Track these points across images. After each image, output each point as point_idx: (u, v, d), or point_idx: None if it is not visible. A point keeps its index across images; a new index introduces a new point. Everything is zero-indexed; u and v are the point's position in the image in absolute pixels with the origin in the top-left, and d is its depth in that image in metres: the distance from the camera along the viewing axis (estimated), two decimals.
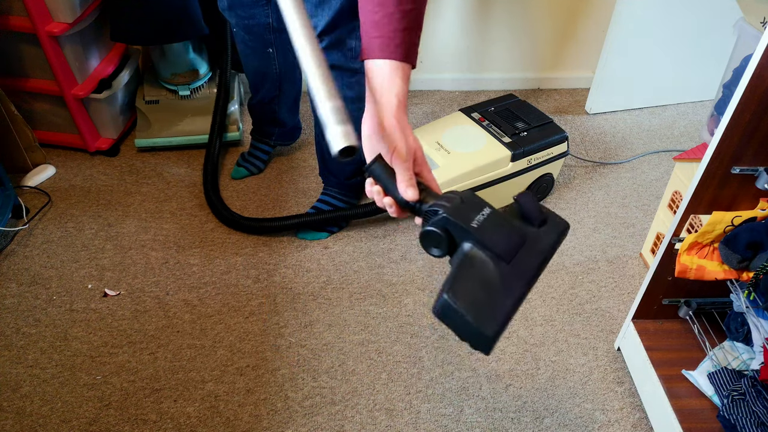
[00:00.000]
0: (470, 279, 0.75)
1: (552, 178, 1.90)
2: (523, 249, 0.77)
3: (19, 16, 1.72)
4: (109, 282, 1.62)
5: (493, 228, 0.76)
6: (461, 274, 0.75)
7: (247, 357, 1.45)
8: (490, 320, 0.72)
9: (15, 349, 1.46)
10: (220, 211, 1.79)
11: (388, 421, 1.34)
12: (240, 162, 1.99)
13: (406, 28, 0.85)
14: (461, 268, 0.76)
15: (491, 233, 0.76)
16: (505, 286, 0.74)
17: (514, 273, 0.75)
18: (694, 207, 1.17)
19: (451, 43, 2.34)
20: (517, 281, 0.75)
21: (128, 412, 1.34)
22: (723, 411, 1.15)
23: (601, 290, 1.65)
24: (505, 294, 0.74)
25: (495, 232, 0.76)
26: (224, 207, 1.80)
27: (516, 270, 0.75)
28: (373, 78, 0.85)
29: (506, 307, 0.73)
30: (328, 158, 1.76)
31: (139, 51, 2.16)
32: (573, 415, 1.36)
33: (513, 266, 0.75)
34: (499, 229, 0.77)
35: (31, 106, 1.95)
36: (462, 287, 0.74)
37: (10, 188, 1.75)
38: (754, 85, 0.98)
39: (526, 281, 0.75)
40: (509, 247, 0.76)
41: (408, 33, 0.85)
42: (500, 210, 0.80)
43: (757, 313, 1.16)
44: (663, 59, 2.23)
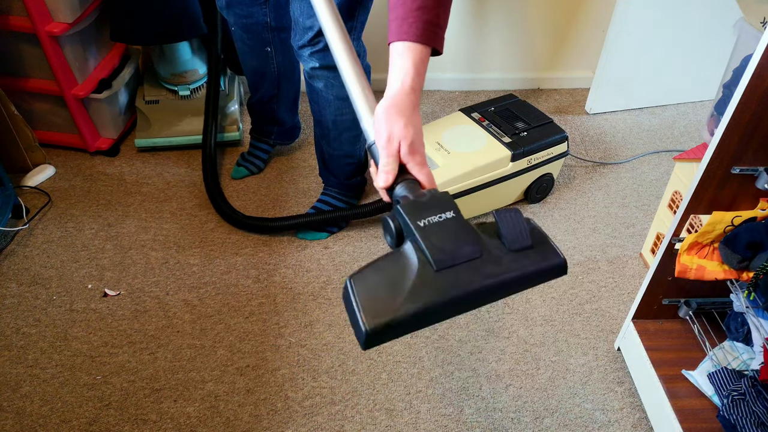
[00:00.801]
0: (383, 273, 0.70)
1: (552, 178, 1.90)
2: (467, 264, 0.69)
3: (19, 16, 1.72)
4: (109, 282, 1.62)
5: (440, 233, 0.70)
6: (378, 266, 0.71)
7: (247, 357, 1.45)
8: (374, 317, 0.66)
9: (15, 349, 1.46)
10: (222, 209, 1.79)
11: (388, 421, 1.34)
12: (240, 162, 1.99)
13: (420, 7, 0.81)
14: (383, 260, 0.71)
15: (433, 237, 0.70)
16: (413, 291, 0.67)
17: (435, 284, 0.68)
18: (694, 207, 1.17)
19: (451, 43, 2.34)
20: (432, 293, 0.67)
21: (128, 412, 1.34)
22: (723, 411, 1.15)
23: (601, 290, 1.65)
24: (408, 299, 0.67)
25: (438, 237, 0.70)
26: (227, 205, 1.80)
27: (441, 282, 0.68)
28: (390, 63, 0.84)
29: (400, 312, 0.66)
30: (328, 159, 1.76)
31: (139, 51, 2.15)
32: (573, 415, 1.36)
33: (439, 277, 0.68)
34: (444, 236, 0.70)
35: (31, 106, 1.95)
36: (369, 277, 0.69)
37: (10, 188, 1.75)
38: (754, 85, 0.98)
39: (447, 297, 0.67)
40: (444, 256, 0.69)
41: (423, 12, 0.81)
42: (478, 223, 0.75)
43: (757, 313, 1.16)
44: (663, 59, 2.23)
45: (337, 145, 1.71)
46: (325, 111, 1.62)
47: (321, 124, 1.67)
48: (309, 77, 1.56)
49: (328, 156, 1.76)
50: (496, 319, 1.56)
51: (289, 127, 2.00)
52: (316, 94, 1.60)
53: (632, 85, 2.29)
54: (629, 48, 2.16)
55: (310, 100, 1.65)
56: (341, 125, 1.64)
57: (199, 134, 2.04)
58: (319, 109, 1.63)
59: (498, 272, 0.69)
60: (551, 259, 0.72)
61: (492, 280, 0.69)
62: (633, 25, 2.10)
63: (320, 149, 1.76)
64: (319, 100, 1.60)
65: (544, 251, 0.72)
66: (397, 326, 0.66)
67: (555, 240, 1.80)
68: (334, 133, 1.67)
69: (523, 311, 1.59)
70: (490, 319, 1.56)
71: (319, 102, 1.61)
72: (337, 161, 1.76)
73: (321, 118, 1.65)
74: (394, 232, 0.73)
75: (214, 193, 1.83)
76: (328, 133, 1.68)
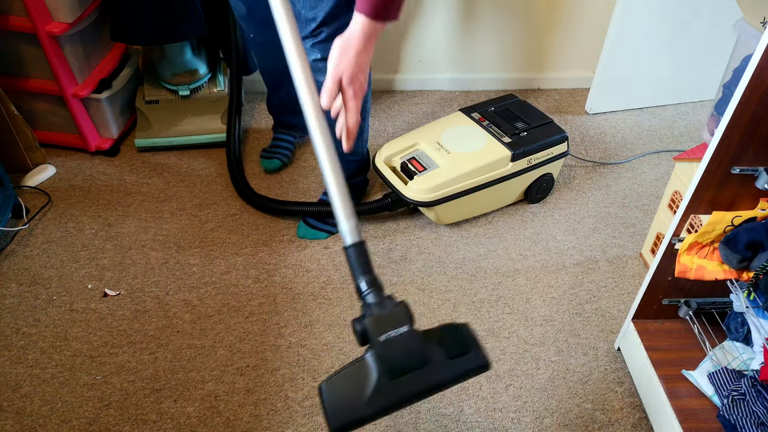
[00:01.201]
0: (349, 380, 0.92)
1: (552, 178, 1.90)
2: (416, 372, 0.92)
3: (19, 16, 1.72)
4: (109, 282, 1.62)
5: (395, 347, 0.91)
6: (346, 373, 0.93)
7: (247, 357, 1.45)
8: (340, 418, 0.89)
9: (15, 349, 1.46)
10: (251, 197, 1.83)
11: (388, 421, 1.34)
12: (266, 155, 1.99)
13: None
14: (351, 368, 0.93)
15: (390, 351, 0.90)
16: (372, 398, 0.90)
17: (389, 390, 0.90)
18: (694, 207, 1.17)
19: (451, 43, 2.34)
20: (386, 398, 0.90)
21: (128, 412, 1.34)
22: (723, 411, 1.15)
23: (601, 290, 1.65)
24: (367, 404, 0.90)
25: (394, 351, 0.91)
26: (251, 191, 1.84)
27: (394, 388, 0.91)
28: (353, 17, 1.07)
29: (360, 414, 0.90)
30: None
31: (139, 51, 2.16)
32: (573, 415, 1.36)
33: (393, 384, 0.90)
34: (399, 350, 0.91)
35: (31, 106, 1.95)
36: (338, 383, 0.93)
37: (10, 188, 1.75)
38: (754, 85, 0.98)
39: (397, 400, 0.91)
40: (397, 368, 0.91)
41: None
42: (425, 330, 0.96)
43: (757, 313, 1.16)
44: (663, 59, 2.23)
45: (341, 142, 1.70)
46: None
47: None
48: (312, 71, 1.56)
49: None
50: (496, 319, 1.56)
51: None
52: (318, 89, 1.59)
53: (632, 85, 2.29)
54: (629, 48, 2.16)
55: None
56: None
57: (199, 134, 2.04)
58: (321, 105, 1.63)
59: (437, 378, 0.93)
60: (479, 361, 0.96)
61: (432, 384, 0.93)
62: (633, 25, 2.10)
63: None
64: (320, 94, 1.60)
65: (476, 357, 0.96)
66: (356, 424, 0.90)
67: (555, 240, 1.81)
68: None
69: (523, 311, 1.59)
70: (490, 319, 1.56)
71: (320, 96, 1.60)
72: (341, 159, 1.75)
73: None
74: (360, 335, 0.92)
75: (240, 181, 1.86)
76: (331, 129, 1.67)
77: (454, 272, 1.68)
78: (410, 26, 2.28)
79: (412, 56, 2.36)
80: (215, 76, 2.11)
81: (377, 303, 0.96)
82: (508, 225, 1.84)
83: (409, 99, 2.39)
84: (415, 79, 2.42)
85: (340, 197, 1.08)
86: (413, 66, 2.39)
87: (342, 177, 1.09)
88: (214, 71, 2.12)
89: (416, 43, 2.32)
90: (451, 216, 1.80)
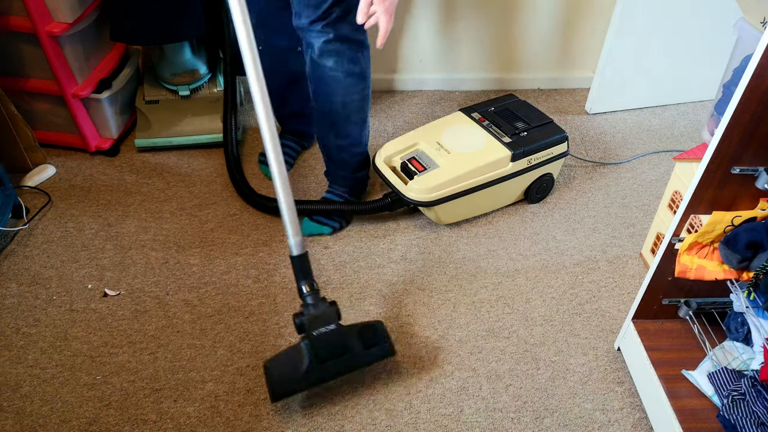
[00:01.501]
0: (288, 359, 1.30)
1: (552, 178, 1.90)
2: (339, 357, 1.31)
3: (19, 16, 1.72)
4: (109, 282, 1.62)
5: (324, 339, 1.29)
6: (286, 353, 1.31)
7: (247, 357, 1.45)
8: (279, 387, 1.29)
9: (15, 349, 1.46)
10: (253, 199, 1.84)
11: (388, 421, 1.34)
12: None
13: None
14: (290, 350, 1.31)
15: (319, 342, 1.29)
16: (304, 375, 1.29)
17: (318, 370, 1.30)
18: (694, 207, 1.17)
19: (451, 43, 2.34)
20: (315, 376, 1.30)
21: (128, 412, 1.34)
22: (723, 411, 1.15)
23: (601, 290, 1.65)
24: (300, 379, 1.29)
25: (323, 342, 1.29)
26: (252, 191, 1.86)
27: (321, 369, 1.30)
28: None
29: (295, 385, 1.30)
30: (336, 152, 1.76)
31: (139, 51, 2.16)
32: (573, 415, 1.36)
33: (321, 366, 1.30)
34: (326, 341, 1.29)
35: (31, 106, 1.95)
36: (279, 361, 1.31)
37: (10, 188, 1.75)
38: (754, 85, 0.98)
39: (323, 378, 1.32)
40: (325, 355, 1.29)
41: None
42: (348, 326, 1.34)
43: (757, 313, 1.16)
44: (663, 59, 2.23)
45: (347, 133, 1.72)
46: (334, 93, 1.62)
47: (328, 113, 1.67)
48: (318, 57, 1.57)
49: (336, 149, 1.75)
50: (496, 319, 1.56)
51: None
52: (324, 76, 1.60)
53: (632, 85, 2.29)
54: (629, 48, 2.16)
55: (315, 90, 1.64)
56: (351, 106, 1.65)
57: (199, 134, 2.04)
58: (327, 95, 1.63)
59: (354, 363, 1.34)
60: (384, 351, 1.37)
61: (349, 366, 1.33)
62: (633, 25, 2.10)
63: (326, 145, 1.76)
64: (328, 82, 1.60)
65: (384, 347, 1.37)
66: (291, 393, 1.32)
67: (555, 240, 1.81)
68: (343, 117, 1.67)
69: (523, 311, 1.59)
70: (490, 319, 1.56)
71: (328, 84, 1.61)
72: (346, 152, 1.76)
73: (329, 105, 1.64)
74: (298, 327, 1.31)
75: (240, 180, 1.87)
76: (337, 119, 1.68)
77: (454, 272, 1.68)
78: (410, 26, 2.28)
79: (411, 56, 2.36)
80: (215, 76, 2.11)
81: (314, 304, 1.32)
82: (508, 225, 1.84)
83: (409, 99, 2.39)
84: (414, 78, 2.42)
85: (290, 217, 1.34)
86: (413, 66, 2.39)
87: (292, 201, 1.34)
88: (214, 71, 2.12)
89: (416, 42, 2.32)
90: (451, 216, 1.80)
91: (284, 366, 1.30)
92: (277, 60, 1.80)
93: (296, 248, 1.35)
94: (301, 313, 1.32)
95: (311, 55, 1.57)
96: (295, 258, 1.35)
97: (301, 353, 1.30)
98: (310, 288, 1.34)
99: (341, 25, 1.52)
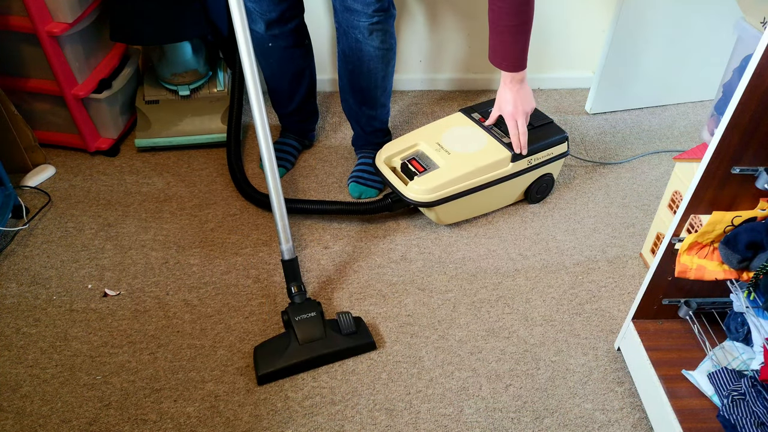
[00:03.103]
0: (274, 344, 1.43)
1: (552, 179, 1.90)
2: (318, 341, 1.42)
3: (19, 16, 1.72)
4: (109, 282, 1.62)
5: (305, 325, 1.43)
6: (272, 340, 1.45)
7: (247, 357, 1.45)
8: (265, 366, 1.39)
9: (15, 349, 1.46)
10: (253, 196, 1.85)
11: (388, 421, 1.34)
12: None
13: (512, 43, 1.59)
14: (276, 338, 1.45)
15: (302, 327, 1.43)
16: (286, 355, 1.40)
17: (298, 351, 1.41)
18: (694, 207, 1.17)
19: (451, 43, 2.34)
20: (297, 356, 1.40)
21: (128, 412, 1.34)
22: (723, 411, 1.15)
23: (601, 290, 1.65)
24: (283, 359, 1.40)
25: (305, 327, 1.43)
26: (254, 190, 1.87)
27: (301, 350, 1.41)
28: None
29: (280, 365, 1.39)
30: (368, 126, 1.90)
31: (139, 51, 2.16)
32: (573, 415, 1.36)
33: (301, 348, 1.41)
34: (307, 327, 1.43)
35: (31, 106, 1.95)
36: (266, 345, 1.44)
37: (10, 188, 1.75)
38: (754, 85, 0.98)
39: (304, 359, 1.40)
40: (305, 337, 1.42)
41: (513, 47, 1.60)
42: (329, 319, 1.48)
43: (757, 313, 1.16)
44: (663, 59, 2.23)
45: (382, 102, 1.85)
46: (377, 69, 1.73)
47: (367, 88, 1.78)
48: (367, 37, 1.64)
49: (369, 119, 1.88)
50: (496, 319, 1.56)
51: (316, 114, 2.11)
52: (371, 54, 1.69)
53: (632, 85, 2.29)
54: (629, 48, 2.16)
55: (356, 68, 1.73)
56: (388, 78, 1.80)
57: (199, 134, 2.05)
58: (370, 71, 1.73)
59: (332, 346, 1.43)
60: (365, 339, 1.46)
61: (328, 350, 1.42)
62: (633, 25, 2.10)
63: (359, 118, 1.88)
64: (373, 59, 1.70)
65: (362, 336, 1.46)
66: (277, 372, 1.40)
67: (555, 240, 1.81)
68: (381, 89, 1.80)
69: (523, 311, 1.59)
70: (490, 319, 1.56)
71: (372, 61, 1.70)
72: (378, 120, 1.91)
73: (370, 81, 1.76)
74: (285, 322, 1.48)
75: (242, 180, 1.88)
76: (375, 92, 1.80)
77: (454, 272, 1.68)
78: (410, 26, 2.28)
79: (412, 56, 2.36)
80: (215, 76, 2.11)
81: (299, 303, 1.48)
82: (508, 225, 1.84)
83: (409, 99, 2.39)
84: (415, 79, 2.42)
85: (281, 225, 1.47)
86: (413, 66, 2.39)
87: (284, 210, 1.46)
88: (214, 71, 2.12)
89: (416, 43, 2.32)
90: (451, 216, 1.80)
91: (269, 349, 1.42)
92: (284, 57, 1.80)
93: (287, 254, 1.50)
94: (288, 310, 1.47)
95: (357, 36, 1.65)
96: (287, 262, 1.50)
97: (286, 339, 1.43)
98: (297, 289, 1.50)
99: (389, 2, 1.62)
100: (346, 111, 1.92)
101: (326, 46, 2.27)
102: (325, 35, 2.25)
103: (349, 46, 1.69)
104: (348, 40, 1.68)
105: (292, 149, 2.03)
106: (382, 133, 1.97)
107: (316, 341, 1.42)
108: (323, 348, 1.42)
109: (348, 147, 2.11)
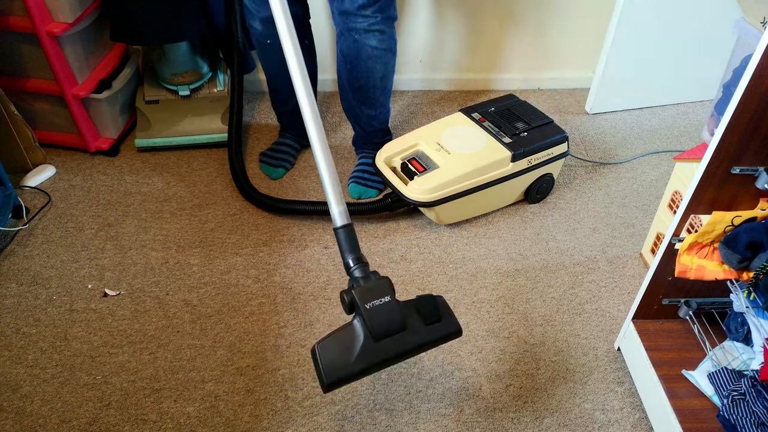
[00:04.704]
0: (340, 342, 1.08)
1: (552, 179, 1.90)
2: (397, 335, 1.08)
3: (19, 16, 1.72)
4: (109, 282, 1.62)
5: (379, 313, 1.07)
6: (336, 336, 1.08)
7: (247, 357, 1.45)
8: (332, 374, 1.05)
9: (15, 349, 1.46)
10: (253, 197, 1.85)
11: (388, 421, 1.34)
12: (271, 162, 1.99)
13: None
14: (340, 331, 1.09)
15: (375, 317, 1.06)
16: (359, 357, 1.06)
17: (374, 350, 1.07)
18: (694, 207, 1.17)
19: (451, 43, 2.34)
20: (371, 357, 1.06)
21: (128, 412, 1.34)
22: (723, 411, 1.15)
23: (601, 290, 1.65)
24: (355, 362, 1.06)
25: (378, 317, 1.07)
26: (255, 190, 1.86)
27: (378, 349, 1.07)
28: None
29: (350, 370, 1.06)
30: (368, 126, 1.90)
31: (139, 51, 2.16)
32: (573, 415, 1.36)
33: (377, 345, 1.07)
34: (382, 316, 1.07)
35: (31, 106, 1.95)
36: (330, 344, 1.08)
37: (10, 188, 1.75)
38: (754, 85, 0.98)
39: (380, 360, 1.07)
40: (381, 331, 1.07)
41: None
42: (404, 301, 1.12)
43: (757, 313, 1.16)
44: (663, 59, 2.23)
45: (381, 103, 1.85)
46: (374, 69, 1.73)
47: (365, 88, 1.78)
48: (363, 37, 1.66)
49: (369, 119, 1.88)
50: (496, 319, 1.56)
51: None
52: (368, 54, 1.70)
53: (632, 85, 2.29)
54: (629, 48, 2.16)
55: (353, 68, 1.73)
56: (387, 78, 1.79)
57: (199, 134, 2.05)
58: (367, 71, 1.73)
59: (415, 341, 1.10)
60: (452, 327, 1.13)
61: (410, 346, 1.09)
62: (633, 25, 2.10)
63: (359, 118, 1.88)
64: (370, 59, 1.70)
65: (448, 323, 1.13)
66: (346, 380, 1.06)
67: (555, 240, 1.81)
68: (380, 90, 1.80)
69: (523, 311, 1.59)
70: (490, 319, 1.56)
71: (369, 61, 1.71)
72: (378, 120, 1.91)
73: (368, 81, 1.76)
74: (348, 305, 1.09)
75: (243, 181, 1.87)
76: (374, 93, 1.80)
77: (454, 272, 1.68)
78: (410, 26, 2.28)
79: (412, 56, 2.36)
80: (215, 76, 2.11)
81: (363, 277, 1.12)
82: (508, 225, 1.84)
83: (409, 99, 2.39)
84: (415, 79, 2.42)
85: (331, 184, 1.18)
86: (413, 66, 2.39)
87: (333, 167, 1.19)
88: (214, 71, 2.12)
89: (416, 43, 2.32)
90: (451, 216, 1.80)
91: (335, 349, 1.08)
92: (283, 55, 1.79)
93: (340, 219, 1.17)
94: (350, 289, 1.10)
95: (354, 36, 1.66)
96: (340, 229, 1.17)
97: (354, 333, 1.08)
98: (357, 261, 1.14)
99: (387, 5, 1.63)
100: (346, 111, 1.92)
101: (326, 45, 2.28)
102: (325, 35, 2.25)
103: (347, 46, 1.70)
104: (346, 40, 1.69)
105: (292, 149, 2.03)
106: (382, 133, 1.98)
107: (395, 335, 1.09)
108: (404, 345, 1.10)
109: (348, 147, 2.11)
